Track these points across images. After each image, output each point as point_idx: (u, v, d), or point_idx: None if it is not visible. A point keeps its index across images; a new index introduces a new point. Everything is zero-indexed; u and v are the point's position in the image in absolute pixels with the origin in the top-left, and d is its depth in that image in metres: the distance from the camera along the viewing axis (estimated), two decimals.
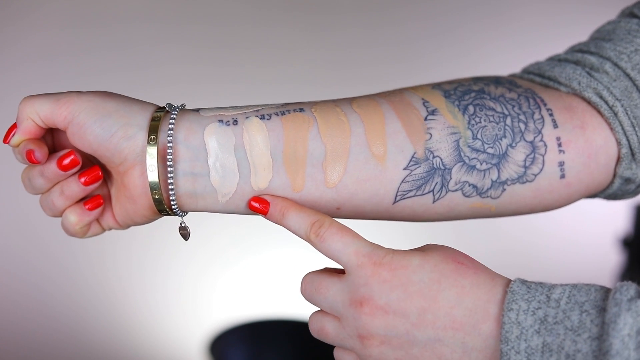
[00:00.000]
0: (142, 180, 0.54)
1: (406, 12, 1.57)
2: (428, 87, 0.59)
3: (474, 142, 0.57)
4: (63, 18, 1.51)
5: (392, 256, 0.51)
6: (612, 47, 0.61)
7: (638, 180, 0.62)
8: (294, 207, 0.54)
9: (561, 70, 0.61)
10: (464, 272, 0.50)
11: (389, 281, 0.50)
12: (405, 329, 0.50)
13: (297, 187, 0.55)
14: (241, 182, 0.54)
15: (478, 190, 0.57)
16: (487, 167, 0.57)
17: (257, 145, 0.54)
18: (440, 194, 0.57)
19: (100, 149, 0.53)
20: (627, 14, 0.64)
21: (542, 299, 0.48)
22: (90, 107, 0.53)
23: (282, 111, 0.55)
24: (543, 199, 0.60)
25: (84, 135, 0.53)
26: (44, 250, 1.72)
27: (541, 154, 0.58)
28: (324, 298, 0.53)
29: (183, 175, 0.54)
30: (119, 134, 0.53)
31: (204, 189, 0.54)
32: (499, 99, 0.58)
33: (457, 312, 0.49)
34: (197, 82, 1.60)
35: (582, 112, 0.60)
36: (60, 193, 0.56)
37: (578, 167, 0.59)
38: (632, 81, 0.60)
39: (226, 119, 0.54)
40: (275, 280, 1.81)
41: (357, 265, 0.51)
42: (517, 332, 0.47)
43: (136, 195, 0.55)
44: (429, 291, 0.50)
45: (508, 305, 0.48)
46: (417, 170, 0.56)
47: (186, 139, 0.53)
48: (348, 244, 0.52)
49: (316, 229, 0.53)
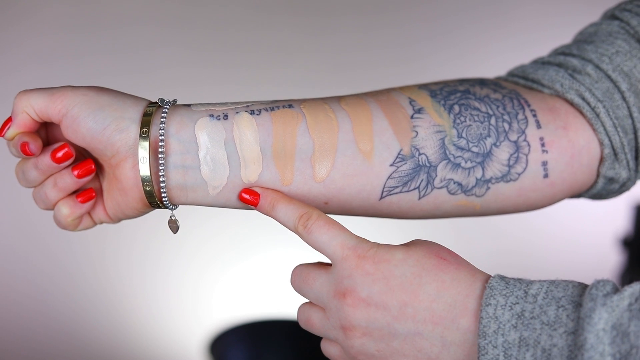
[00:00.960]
0: (133, 172, 0.55)
1: (405, 15, 1.57)
2: (415, 87, 0.60)
3: (459, 141, 0.58)
4: (63, 21, 1.51)
5: (376, 250, 0.52)
6: (593, 50, 0.62)
7: (621, 180, 0.63)
8: (283, 199, 0.55)
9: (544, 72, 0.63)
10: (445, 268, 0.51)
11: (372, 274, 0.51)
12: (386, 321, 0.51)
13: (286, 181, 0.56)
14: (231, 175, 0.55)
15: (463, 188, 0.59)
16: (471, 165, 0.58)
17: (247, 139, 0.55)
18: (425, 190, 0.58)
19: (93, 141, 0.54)
20: (609, 16, 0.65)
21: (519, 294, 0.48)
22: (84, 100, 0.54)
23: (272, 107, 0.56)
24: (527, 198, 0.61)
25: (77, 128, 0.54)
26: (44, 250, 1.73)
27: (525, 154, 0.59)
28: (311, 289, 0.55)
29: (174, 167, 0.55)
30: (112, 127, 0.54)
31: (195, 181, 0.55)
32: (483, 99, 0.60)
33: (436, 306, 0.50)
34: (196, 85, 1.61)
35: (565, 114, 0.61)
36: (54, 185, 0.56)
37: (561, 167, 0.60)
38: (614, 83, 0.61)
39: (217, 114, 0.55)
40: (275, 280, 1.81)
41: (342, 257, 0.52)
42: (494, 326, 0.48)
43: (128, 188, 0.56)
44: (410, 285, 0.51)
45: (486, 301, 0.48)
46: (403, 167, 0.57)
47: (177, 133, 0.55)
48: (334, 237, 0.53)
49: (304, 221, 0.54)
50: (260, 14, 1.55)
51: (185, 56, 1.58)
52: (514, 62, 1.60)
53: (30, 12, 1.49)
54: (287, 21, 1.57)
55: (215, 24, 1.56)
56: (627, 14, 0.63)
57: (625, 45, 0.62)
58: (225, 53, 1.59)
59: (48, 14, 1.50)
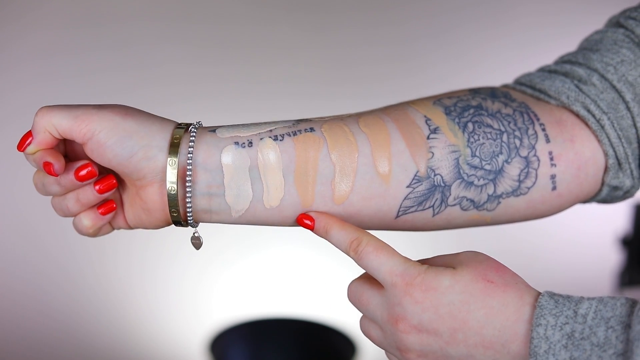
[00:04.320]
0: (160, 196, 0.57)
1: (406, 12, 1.57)
2: (429, 102, 0.62)
3: (473, 160, 0.60)
4: (64, 17, 1.51)
5: (424, 277, 0.54)
6: (599, 59, 0.63)
7: (625, 188, 0.65)
8: (336, 224, 0.58)
9: (551, 83, 0.64)
10: (493, 292, 0.53)
11: (421, 303, 0.53)
12: (439, 345, 0.53)
13: (306, 204, 0.58)
14: (254, 200, 0.57)
15: (475, 204, 0.61)
16: (484, 182, 0.60)
17: (270, 166, 0.57)
18: (439, 208, 0.60)
19: (120, 166, 0.56)
20: (614, 23, 0.66)
21: (569, 314, 0.50)
22: (111, 126, 0.55)
23: (294, 131, 0.58)
24: (535, 209, 0.63)
25: (103, 153, 0.55)
26: (44, 250, 1.73)
27: (534, 168, 0.61)
28: (366, 309, 0.57)
29: (200, 194, 0.57)
30: (139, 155, 0.55)
31: (219, 206, 0.57)
32: (495, 115, 0.61)
33: (486, 332, 0.52)
34: (197, 81, 1.61)
35: (572, 126, 0.62)
36: (76, 200, 0.58)
37: (568, 179, 0.62)
38: (618, 93, 0.62)
39: (241, 141, 0.57)
40: (276, 279, 1.82)
41: (391, 284, 0.54)
42: (545, 346, 0.49)
43: (153, 209, 0.57)
44: (458, 312, 0.52)
45: (536, 321, 0.50)
46: (419, 188, 0.59)
47: (204, 162, 0.56)
48: (383, 263, 0.55)
49: (354, 246, 0.56)
50: (263, 10, 1.55)
51: (187, 52, 1.58)
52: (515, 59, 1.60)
53: (31, 8, 1.49)
54: (290, 18, 1.57)
55: (217, 20, 1.56)
56: (632, 22, 0.64)
57: (630, 54, 0.63)
58: (227, 50, 1.59)
59: (49, 10, 1.50)
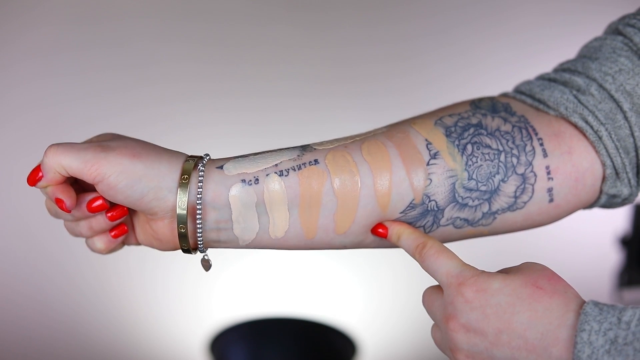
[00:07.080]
0: (170, 230, 0.60)
1: (406, 11, 1.57)
2: (431, 122, 0.63)
3: (469, 183, 0.61)
4: (63, 15, 1.51)
5: (477, 278, 0.56)
6: (597, 68, 0.63)
7: (623, 196, 0.65)
8: (406, 230, 0.61)
9: (550, 93, 0.64)
10: (540, 297, 0.54)
11: (470, 302, 0.55)
12: (484, 346, 0.55)
13: (309, 235, 0.61)
14: (260, 231, 0.61)
15: (469, 222, 0.63)
16: (478, 203, 0.62)
17: (276, 202, 0.60)
18: (431, 228, 0.63)
19: (131, 205, 0.59)
20: (613, 29, 0.66)
21: (613, 320, 0.51)
22: (120, 170, 0.57)
23: (299, 165, 0.60)
24: (533, 221, 0.65)
25: (115, 195, 0.58)
26: (44, 250, 1.73)
27: (531, 184, 0.62)
28: (431, 312, 0.60)
29: (209, 229, 0.60)
30: (150, 196, 0.58)
31: (227, 237, 0.61)
32: (494, 134, 0.62)
33: (529, 334, 0.53)
34: (196, 79, 1.61)
35: (570, 137, 0.63)
36: (89, 227, 0.61)
37: (565, 191, 0.63)
38: (616, 102, 0.63)
39: (248, 178, 0.60)
40: (276, 278, 1.82)
41: (447, 284, 0.57)
42: (588, 351, 0.50)
43: (164, 240, 0.61)
44: (504, 313, 0.54)
45: (581, 326, 0.51)
46: (411, 213, 0.61)
47: (213, 200, 0.59)
48: (442, 265, 0.58)
49: (419, 250, 0.59)
50: (262, 9, 1.55)
51: (187, 51, 1.58)
52: (514, 59, 1.59)
53: (31, 6, 1.49)
54: (289, 17, 1.57)
55: (217, 19, 1.56)
56: (631, 29, 0.64)
57: (629, 62, 0.63)
58: (227, 48, 1.59)
59: (49, 8, 1.50)
